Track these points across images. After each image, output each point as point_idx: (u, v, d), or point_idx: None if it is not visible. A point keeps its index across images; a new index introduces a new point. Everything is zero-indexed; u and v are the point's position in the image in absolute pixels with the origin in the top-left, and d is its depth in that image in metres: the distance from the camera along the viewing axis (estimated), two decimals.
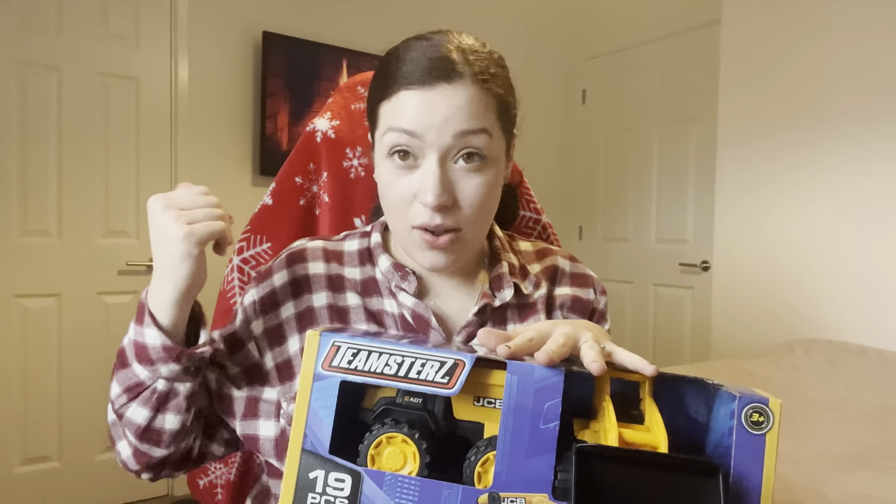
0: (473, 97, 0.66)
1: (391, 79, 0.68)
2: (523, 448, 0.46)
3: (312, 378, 0.49)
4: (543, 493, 0.45)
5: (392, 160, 0.67)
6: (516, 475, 0.46)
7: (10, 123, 2.29)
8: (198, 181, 2.62)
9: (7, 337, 2.31)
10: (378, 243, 0.77)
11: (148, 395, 0.66)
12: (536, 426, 0.47)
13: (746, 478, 0.47)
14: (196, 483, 1.03)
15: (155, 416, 0.66)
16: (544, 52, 3.62)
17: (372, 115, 0.72)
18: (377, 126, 0.70)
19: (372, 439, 0.50)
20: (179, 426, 0.68)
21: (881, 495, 1.19)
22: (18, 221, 2.32)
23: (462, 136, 0.66)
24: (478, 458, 0.49)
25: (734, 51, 2.81)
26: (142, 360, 0.65)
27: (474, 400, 0.51)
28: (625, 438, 0.47)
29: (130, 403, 0.67)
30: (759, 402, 0.48)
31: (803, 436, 1.53)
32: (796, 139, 2.59)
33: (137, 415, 0.67)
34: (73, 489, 2.43)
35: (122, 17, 2.47)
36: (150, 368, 0.65)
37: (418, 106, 0.65)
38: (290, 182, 1.01)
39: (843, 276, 2.45)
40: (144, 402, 0.66)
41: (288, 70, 2.77)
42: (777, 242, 2.66)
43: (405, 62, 0.67)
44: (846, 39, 2.44)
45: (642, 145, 3.38)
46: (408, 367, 0.49)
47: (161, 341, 0.63)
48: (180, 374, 0.65)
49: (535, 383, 0.48)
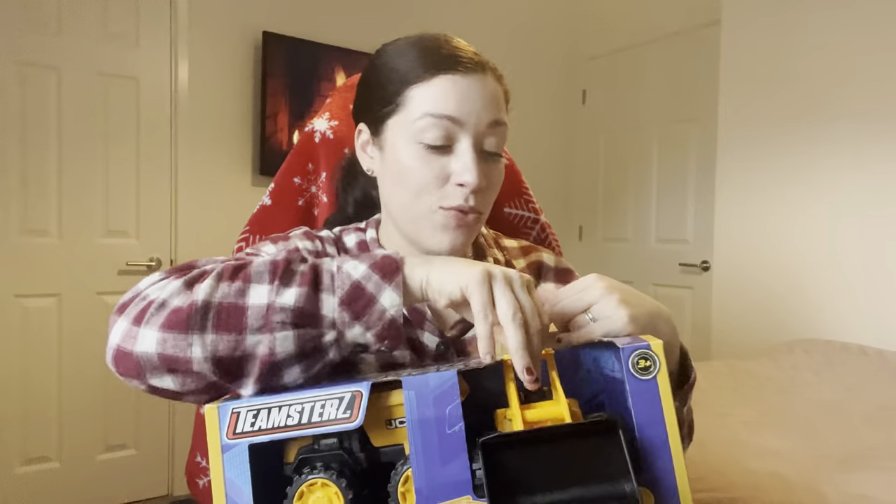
0: (496, 90, 0.71)
1: (423, 62, 0.69)
2: (436, 457, 0.47)
3: (220, 450, 0.50)
4: (465, 495, 0.46)
5: (421, 145, 0.68)
6: (436, 485, 0.46)
7: (10, 123, 2.29)
8: (198, 181, 2.63)
9: (7, 337, 2.31)
10: (374, 238, 0.78)
11: (312, 334, 0.54)
12: (443, 433, 0.47)
13: (649, 423, 0.48)
14: (196, 483, 1.03)
15: (300, 374, 0.55)
16: (544, 52, 3.61)
17: (389, 99, 0.71)
18: (401, 111, 0.70)
19: (293, 492, 0.50)
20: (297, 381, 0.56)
21: (881, 495, 1.19)
22: (18, 221, 2.32)
23: (493, 125, 0.70)
24: (398, 479, 0.50)
25: (734, 51, 2.81)
26: (353, 309, 0.53)
27: (386, 424, 0.52)
28: (527, 419, 0.48)
29: (288, 326, 0.54)
30: (642, 347, 0.49)
31: (803, 436, 1.53)
32: (796, 139, 2.59)
33: (284, 343, 0.53)
34: (73, 489, 2.43)
35: (122, 17, 2.47)
36: (348, 320, 0.54)
37: (461, 91, 0.68)
38: (288, 182, 1.01)
39: (843, 276, 2.45)
40: (301, 338, 0.54)
41: (288, 70, 2.77)
42: (777, 242, 2.66)
43: (435, 51, 0.70)
44: (846, 39, 2.44)
45: (642, 145, 3.37)
46: (309, 413, 0.50)
47: (395, 312, 0.54)
48: (353, 348, 0.56)
49: (432, 392, 0.48)
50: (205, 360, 0.53)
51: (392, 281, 0.54)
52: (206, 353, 0.52)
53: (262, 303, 0.53)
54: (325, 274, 0.55)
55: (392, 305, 0.53)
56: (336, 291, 0.54)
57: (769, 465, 1.34)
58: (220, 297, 0.54)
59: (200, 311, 0.53)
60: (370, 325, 0.53)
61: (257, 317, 0.53)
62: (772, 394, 1.89)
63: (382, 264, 0.55)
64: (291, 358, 0.53)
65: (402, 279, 0.55)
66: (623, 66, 3.47)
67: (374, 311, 0.53)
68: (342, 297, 0.54)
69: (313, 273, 0.55)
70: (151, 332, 0.53)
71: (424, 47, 0.70)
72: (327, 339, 0.54)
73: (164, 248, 2.59)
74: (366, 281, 0.54)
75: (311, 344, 0.54)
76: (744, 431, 1.55)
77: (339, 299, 0.54)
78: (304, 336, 0.53)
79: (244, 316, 0.53)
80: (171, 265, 2.59)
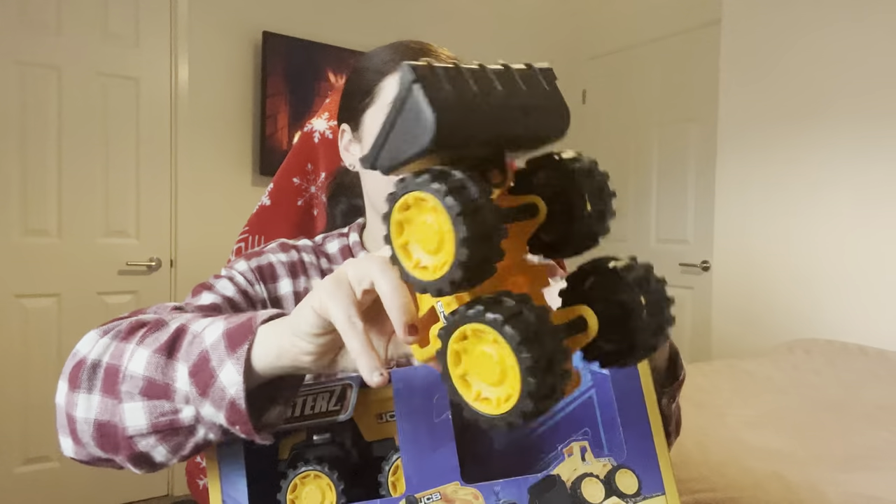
0: None
1: (399, 55, 0.72)
2: (425, 446, 0.47)
3: (216, 450, 0.51)
4: (454, 481, 0.47)
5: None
6: (425, 473, 0.47)
7: (10, 123, 2.29)
8: (198, 181, 2.63)
9: (7, 337, 2.31)
10: (357, 242, 0.79)
11: (165, 408, 0.49)
12: (431, 422, 0.48)
13: (631, 409, 0.50)
14: (196, 483, 1.03)
15: (168, 454, 0.50)
16: (544, 52, 3.61)
17: (368, 88, 0.74)
18: (377, 98, 0.73)
19: (287, 485, 0.51)
20: (167, 462, 0.52)
21: (881, 495, 1.19)
22: (18, 221, 2.32)
23: None
24: (388, 468, 0.51)
25: (734, 51, 2.81)
26: (198, 383, 0.47)
27: (377, 418, 0.53)
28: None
29: (137, 397, 0.50)
30: None
31: (803, 436, 1.53)
32: (796, 139, 2.59)
33: (133, 415, 0.49)
34: (73, 489, 2.43)
35: (122, 17, 2.47)
36: (196, 397, 0.47)
37: None
38: (288, 183, 1.01)
39: (844, 275, 2.45)
40: (152, 411, 0.49)
41: (288, 70, 2.77)
42: (777, 242, 2.66)
43: (404, 45, 0.73)
44: (846, 39, 2.44)
45: (642, 145, 3.37)
46: (301, 407, 0.50)
47: (235, 392, 0.45)
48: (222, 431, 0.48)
49: (420, 383, 0.49)
50: (84, 422, 0.50)
51: (235, 352, 0.45)
52: (88, 414, 0.50)
53: (124, 367, 0.49)
54: (188, 337, 0.49)
55: (231, 384, 0.45)
56: (188, 359, 0.47)
57: (769, 464, 1.34)
58: (107, 357, 0.51)
59: (88, 369, 0.51)
60: (216, 404, 0.45)
61: (115, 383, 0.49)
62: (772, 394, 1.89)
63: (236, 329, 0.47)
64: (145, 435, 0.48)
65: (249, 348, 0.45)
66: (623, 66, 3.47)
67: (216, 388, 0.45)
68: (190, 367, 0.47)
69: (176, 334, 0.49)
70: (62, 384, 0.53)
71: (401, 45, 0.74)
72: (184, 415, 0.47)
73: (164, 247, 2.59)
74: (213, 350, 0.46)
75: (164, 420, 0.47)
76: (744, 431, 1.55)
77: (189, 370, 0.47)
78: (156, 410, 0.47)
79: (117, 380, 0.49)
80: (171, 265, 2.59)
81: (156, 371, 0.48)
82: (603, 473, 0.48)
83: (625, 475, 0.47)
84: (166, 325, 0.51)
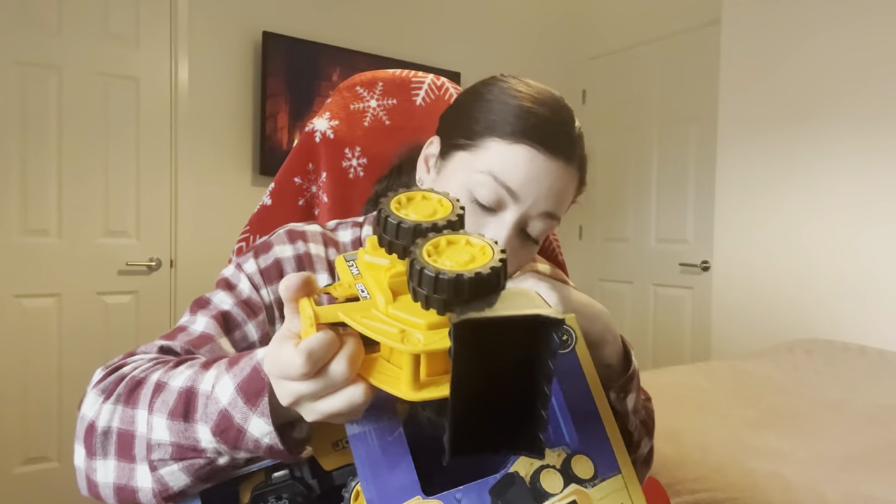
0: (569, 184, 0.68)
1: (517, 122, 0.65)
2: (382, 466, 0.47)
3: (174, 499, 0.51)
4: (415, 496, 0.46)
5: (471, 196, 0.66)
6: (386, 493, 0.46)
7: (10, 123, 2.29)
8: (198, 181, 2.63)
9: (7, 337, 2.31)
10: (369, 236, 0.77)
11: (201, 463, 0.52)
12: (384, 440, 0.47)
13: (575, 393, 0.50)
14: None
15: (193, 483, 0.53)
16: (544, 52, 3.61)
17: (471, 136, 0.68)
18: (474, 152, 0.67)
19: None
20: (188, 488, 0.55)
21: (881, 495, 1.19)
22: (18, 221, 2.32)
23: (546, 216, 0.67)
24: (348, 495, 0.51)
25: (734, 51, 2.81)
26: (226, 440, 0.50)
27: (334, 447, 0.53)
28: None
29: (170, 462, 0.52)
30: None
31: (803, 436, 1.53)
32: (796, 139, 2.59)
33: (174, 478, 0.52)
34: (73, 489, 2.42)
35: (122, 17, 2.47)
36: (228, 450, 0.50)
37: (533, 170, 0.64)
38: (289, 182, 1.01)
39: (843, 275, 2.45)
40: (190, 469, 0.52)
41: (288, 70, 2.77)
42: (777, 242, 2.66)
43: (534, 115, 0.65)
44: (846, 39, 2.44)
45: (642, 145, 3.38)
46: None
47: (270, 440, 0.49)
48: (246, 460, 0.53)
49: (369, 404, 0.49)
50: (106, 486, 0.53)
51: (257, 405, 0.48)
52: (107, 479, 0.53)
53: (143, 434, 0.52)
54: (200, 398, 0.51)
55: (263, 434, 0.48)
56: (208, 420, 0.50)
57: (769, 465, 1.34)
58: (116, 422, 0.53)
59: (101, 436, 0.53)
60: (251, 451, 0.49)
61: (142, 448, 0.52)
62: (772, 394, 1.89)
63: (248, 383, 0.49)
64: (193, 485, 0.52)
65: (269, 399, 0.48)
66: (623, 65, 3.47)
67: (248, 440, 0.49)
68: (213, 427, 0.50)
69: (186, 396, 0.51)
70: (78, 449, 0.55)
71: (527, 105, 0.66)
72: (221, 462, 0.51)
73: (164, 247, 2.59)
74: (232, 408, 0.49)
75: (205, 469, 0.51)
76: (744, 431, 1.55)
77: (212, 430, 0.50)
78: (193, 466, 0.51)
79: (132, 445, 0.52)
80: (171, 265, 2.59)
81: (179, 436, 0.51)
82: (559, 463, 0.48)
83: (580, 461, 0.48)
84: (166, 385, 0.53)
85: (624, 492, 0.48)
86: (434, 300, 0.38)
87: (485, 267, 0.39)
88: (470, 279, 0.38)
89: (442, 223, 0.44)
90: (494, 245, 0.41)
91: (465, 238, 0.42)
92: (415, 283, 0.39)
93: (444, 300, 0.38)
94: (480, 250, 0.41)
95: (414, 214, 0.45)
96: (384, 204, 0.45)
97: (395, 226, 0.44)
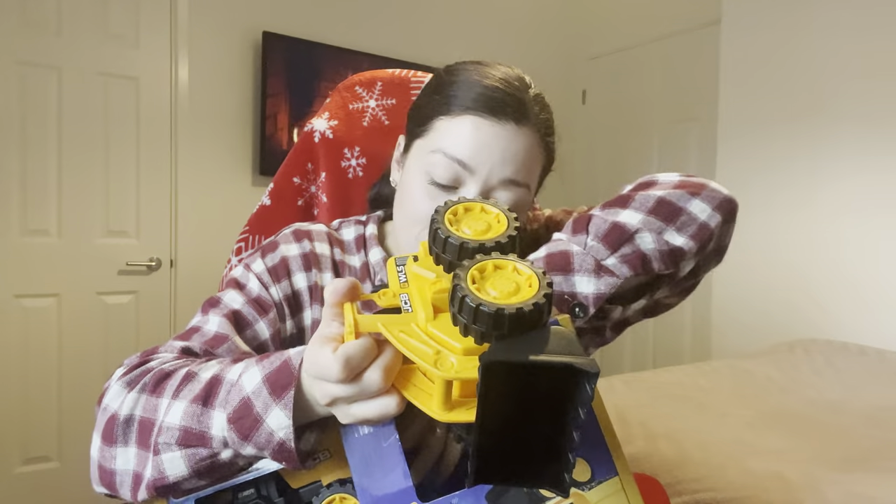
0: (528, 147, 0.66)
1: (459, 95, 0.66)
2: (377, 472, 0.47)
3: None
4: (412, 502, 0.46)
5: (428, 178, 0.67)
6: (380, 498, 0.46)
7: (10, 123, 2.29)
8: (198, 181, 2.63)
9: (7, 337, 2.31)
10: (373, 234, 0.77)
11: (203, 454, 0.51)
12: (379, 447, 0.47)
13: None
14: None
15: (190, 477, 0.52)
16: (544, 52, 3.61)
17: (422, 121, 0.69)
18: (426, 136, 0.68)
19: None
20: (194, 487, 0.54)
21: (881, 495, 1.19)
22: (18, 221, 2.32)
23: (507, 183, 0.66)
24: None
25: (734, 51, 2.81)
26: (240, 429, 0.49)
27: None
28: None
29: (174, 447, 0.52)
30: (553, 324, 0.51)
31: (803, 436, 1.53)
32: (796, 139, 2.59)
33: (172, 465, 0.52)
34: (73, 489, 2.43)
35: (122, 17, 2.47)
36: (237, 441, 0.49)
37: (481, 137, 0.64)
38: (288, 182, 1.01)
39: (843, 275, 2.45)
40: (191, 459, 0.51)
41: (288, 70, 2.77)
42: (777, 242, 2.66)
43: (477, 85, 0.66)
44: (846, 39, 2.44)
45: (642, 145, 3.37)
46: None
47: (284, 435, 0.48)
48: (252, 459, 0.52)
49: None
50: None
51: (281, 397, 0.48)
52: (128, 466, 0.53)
53: (161, 420, 0.52)
54: (224, 386, 0.51)
55: (280, 428, 0.47)
56: (227, 407, 0.49)
57: (769, 465, 1.33)
58: (139, 410, 0.54)
59: (122, 423, 0.54)
60: (260, 446, 0.48)
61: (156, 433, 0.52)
62: (772, 394, 1.89)
63: (276, 375, 0.49)
64: (188, 479, 0.51)
65: (295, 394, 0.48)
66: (623, 66, 3.47)
67: (262, 432, 0.48)
68: (230, 414, 0.49)
69: (211, 384, 0.52)
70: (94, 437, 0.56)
71: (470, 77, 0.67)
72: (223, 457, 0.50)
73: (164, 247, 2.59)
74: (255, 397, 0.48)
75: (205, 462, 0.50)
76: (744, 431, 1.55)
77: (228, 417, 0.49)
78: (195, 456, 0.50)
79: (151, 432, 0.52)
80: (171, 265, 2.59)
81: (192, 420, 0.50)
82: None
83: (577, 464, 0.47)
84: (196, 375, 0.54)
85: (621, 494, 0.47)
86: (473, 330, 0.38)
87: (527, 303, 0.38)
88: (511, 315, 0.37)
89: (490, 244, 0.43)
90: (542, 276, 0.40)
91: (513, 265, 0.41)
92: (455, 308, 0.39)
93: (482, 332, 0.38)
94: (527, 280, 0.40)
95: (467, 228, 0.45)
96: (439, 212, 0.45)
97: (444, 240, 0.44)
